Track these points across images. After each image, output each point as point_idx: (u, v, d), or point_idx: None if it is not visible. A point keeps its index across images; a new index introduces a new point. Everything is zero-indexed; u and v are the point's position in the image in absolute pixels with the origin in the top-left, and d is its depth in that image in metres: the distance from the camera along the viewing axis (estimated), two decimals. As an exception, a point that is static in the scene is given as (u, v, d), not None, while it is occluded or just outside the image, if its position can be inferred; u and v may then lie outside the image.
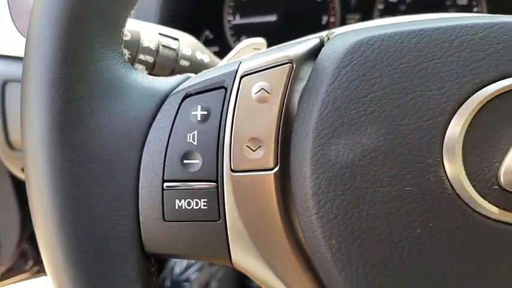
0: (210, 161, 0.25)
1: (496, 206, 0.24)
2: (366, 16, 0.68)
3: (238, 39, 0.69)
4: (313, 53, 0.27)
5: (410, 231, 0.24)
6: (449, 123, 0.24)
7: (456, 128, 0.24)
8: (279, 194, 0.26)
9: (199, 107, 0.26)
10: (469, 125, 0.24)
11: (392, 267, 0.25)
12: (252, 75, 0.26)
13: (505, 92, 0.24)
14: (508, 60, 0.24)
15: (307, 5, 0.68)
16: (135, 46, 0.37)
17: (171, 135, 0.26)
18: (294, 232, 0.26)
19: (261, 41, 0.36)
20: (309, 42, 0.27)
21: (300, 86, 0.27)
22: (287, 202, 0.26)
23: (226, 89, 0.26)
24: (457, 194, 0.24)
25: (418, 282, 0.25)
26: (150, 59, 0.38)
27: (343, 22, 0.68)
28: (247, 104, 0.26)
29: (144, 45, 0.37)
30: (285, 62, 0.26)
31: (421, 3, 0.68)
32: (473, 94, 0.24)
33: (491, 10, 0.68)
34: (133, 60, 0.37)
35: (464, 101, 0.24)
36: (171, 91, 0.27)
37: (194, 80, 0.28)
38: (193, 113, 0.26)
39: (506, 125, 0.24)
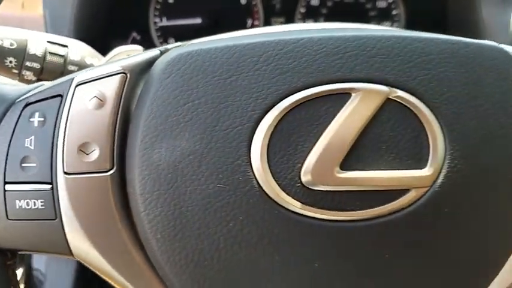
0: (45, 165, 0.28)
1: (299, 202, 0.27)
2: (289, 19, 0.71)
3: (165, 41, 0.71)
4: (152, 64, 0.30)
5: (224, 224, 0.27)
6: (256, 129, 0.27)
7: (261, 133, 0.27)
8: (117, 194, 0.28)
9: (36, 113, 0.28)
10: (273, 130, 0.27)
11: (210, 258, 0.27)
12: (86, 84, 0.28)
13: (305, 101, 0.27)
14: (309, 72, 0.27)
15: (232, 8, 0.70)
16: (21, 54, 0.40)
17: (12, 140, 0.28)
18: (134, 230, 0.29)
19: (137, 48, 0.39)
20: (148, 53, 0.30)
21: (138, 93, 0.29)
22: (127, 202, 0.29)
23: (62, 96, 0.29)
24: (263, 191, 0.27)
25: (233, 270, 0.28)
26: (36, 65, 0.40)
27: (267, 25, 0.71)
28: (81, 111, 0.28)
29: (30, 53, 0.40)
30: (118, 72, 0.28)
31: (342, 6, 0.71)
32: (277, 103, 0.27)
33: (409, 12, 0.72)
34: (20, 67, 0.40)
35: (269, 110, 0.27)
36: (18, 99, 0.30)
37: (41, 88, 0.30)
38: (31, 119, 0.28)
39: (307, 130, 0.27)
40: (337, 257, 0.28)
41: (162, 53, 0.30)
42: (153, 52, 0.30)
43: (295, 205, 0.27)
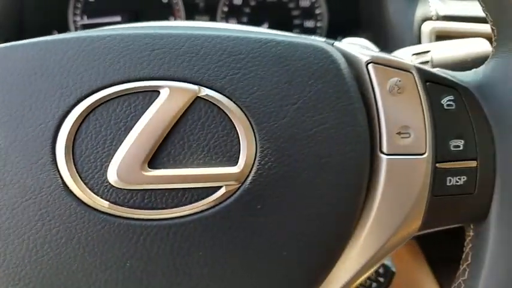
0: None
1: (107, 201, 0.27)
2: (213, 18, 0.71)
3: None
4: None
5: (33, 224, 0.27)
6: (60, 127, 0.27)
7: (66, 131, 0.27)
8: None
9: None
10: (78, 128, 0.27)
11: (22, 257, 0.27)
12: None
13: (112, 99, 0.27)
14: (116, 69, 0.27)
15: (153, 6, 0.70)
16: None
17: None
18: None
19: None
20: None
21: None
22: None
23: None
24: (70, 190, 0.27)
25: (46, 271, 0.27)
26: None
27: (189, 23, 0.70)
28: None
29: None
30: None
31: (265, 5, 0.71)
32: (81, 101, 0.27)
33: (332, 11, 0.72)
34: None
35: (74, 107, 0.27)
36: None
37: None
38: None
39: (114, 128, 0.27)
40: (149, 256, 0.27)
41: None
42: None
43: (102, 205, 0.27)
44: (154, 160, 0.27)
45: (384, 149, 0.30)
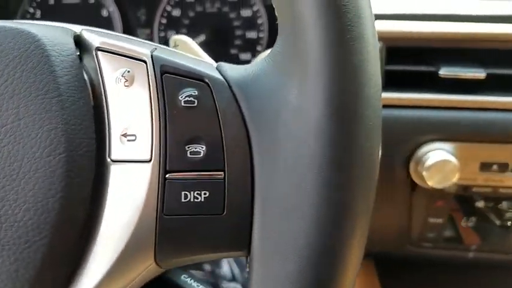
0: None
1: None
2: (153, 31, 0.69)
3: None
4: None
5: None
6: None
7: None
8: None
9: None
10: None
11: None
12: None
13: None
14: None
15: (94, 21, 0.70)
16: None
17: None
18: None
19: None
20: None
21: None
22: None
23: None
24: None
25: None
26: None
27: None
28: None
29: None
30: None
31: (205, 16, 0.67)
32: None
33: (271, 20, 0.67)
34: None
35: None
36: None
37: None
38: None
39: None
40: None
41: None
42: None
43: None
44: None
45: (111, 155, 0.25)
